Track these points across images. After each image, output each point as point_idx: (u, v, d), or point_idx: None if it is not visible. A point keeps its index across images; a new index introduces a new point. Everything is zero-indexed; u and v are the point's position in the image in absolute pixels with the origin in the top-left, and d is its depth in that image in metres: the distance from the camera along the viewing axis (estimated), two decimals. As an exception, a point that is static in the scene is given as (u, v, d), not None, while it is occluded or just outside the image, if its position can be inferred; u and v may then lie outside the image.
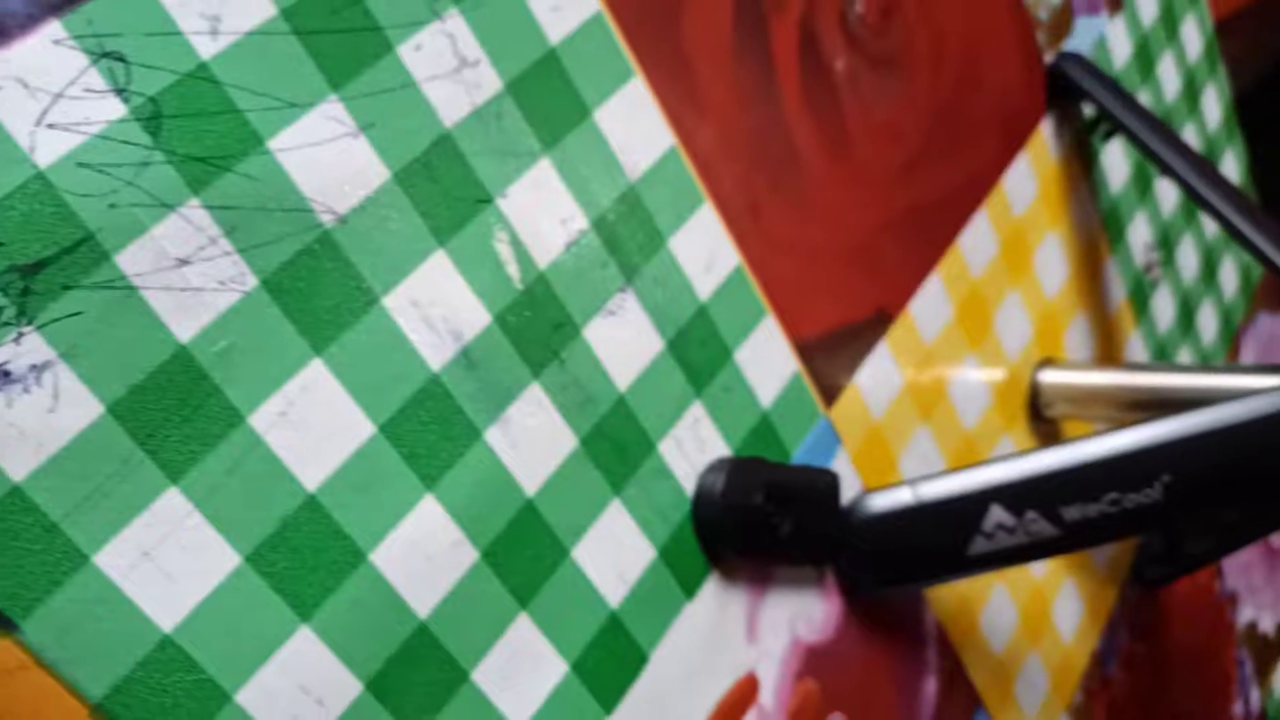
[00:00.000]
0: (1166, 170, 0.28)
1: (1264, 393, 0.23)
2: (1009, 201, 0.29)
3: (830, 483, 0.24)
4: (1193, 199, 0.28)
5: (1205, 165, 0.28)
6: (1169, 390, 0.28)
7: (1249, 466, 0.23)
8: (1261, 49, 0.65)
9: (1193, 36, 0.37)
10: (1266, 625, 0.43)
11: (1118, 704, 0.34)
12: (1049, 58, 0.31)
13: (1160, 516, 0.23)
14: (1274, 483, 0.23)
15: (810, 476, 0.23)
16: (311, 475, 0.17)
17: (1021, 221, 0.30)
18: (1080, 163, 0.32)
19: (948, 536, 0.24)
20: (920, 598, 0.27)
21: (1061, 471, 0.23)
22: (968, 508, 0.24)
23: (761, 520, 0.22)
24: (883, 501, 0.24)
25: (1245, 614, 0.41)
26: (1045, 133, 0.30)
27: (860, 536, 0.24)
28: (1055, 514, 0.23)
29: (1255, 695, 0.42)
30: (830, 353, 0.25)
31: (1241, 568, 0.41)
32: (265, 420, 0.16)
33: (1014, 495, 0.23)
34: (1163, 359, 0.36)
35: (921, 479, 0.24)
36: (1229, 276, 0.39)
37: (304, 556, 0.17)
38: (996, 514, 0.24)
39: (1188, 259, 0.37)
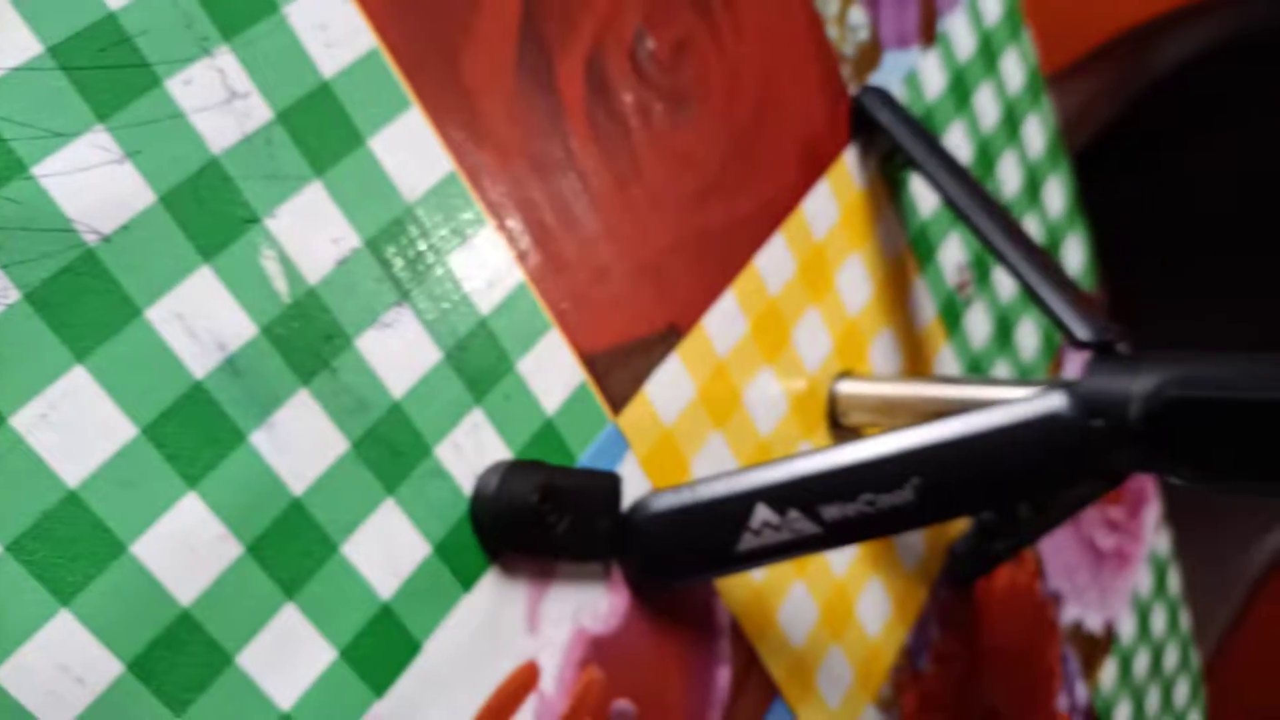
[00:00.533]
0: (952, 206, 0.30)
1: (1007, 404, 0.26)
2: (809, 225, 0.31)
3: (611, 484, 0.25)
4: (976, 237, 0.30)
5: (996, 208, 0.30)
6: (953, 400, 0.30)
7: (988, 471, 0.25)
8: (1091, 114, 0.69)
9: (1014, 70, 0.40)
10: (1093, 624, 0.45)
11: (930, 696, 0.36)
12: (854, 90, 0.33)
13: (913, 516, 0.26)
14: (1010, 486, 0.26)
15: (590, 478, 0.25)
16: (72, 472, 0.18)
17: (822, 244, 0.32)
18: (887, 189, 0.34)
19: (718, 534, 0.26)
20: (712, 592, 0.29)
21: (821, 474, 0.25)
22: (736, 507, 0.26)
23: (536, 519, 0.23)
24: (660, 502, 0.26)
25: (1070, 613, 0.44)
26: (849, 162, 0.33)
27: (639, 534, 0.26)
28: (816, 513, 0.25)
29: (1081, 690, 0.45)
30: (619, 364, 0.26)
31: (1065, 569, 0.43)
32: (26, 422, 0.18)
33: (778, 495, 0.25)
34: (978, 373, 0.38)
35: (699, 481, 0.26)
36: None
37: (64, 546, 0.18)
38: (763, 513, 0.26)
39: (1006, 278, 0.39)
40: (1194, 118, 0.83)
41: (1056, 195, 0.42)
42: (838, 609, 0.32)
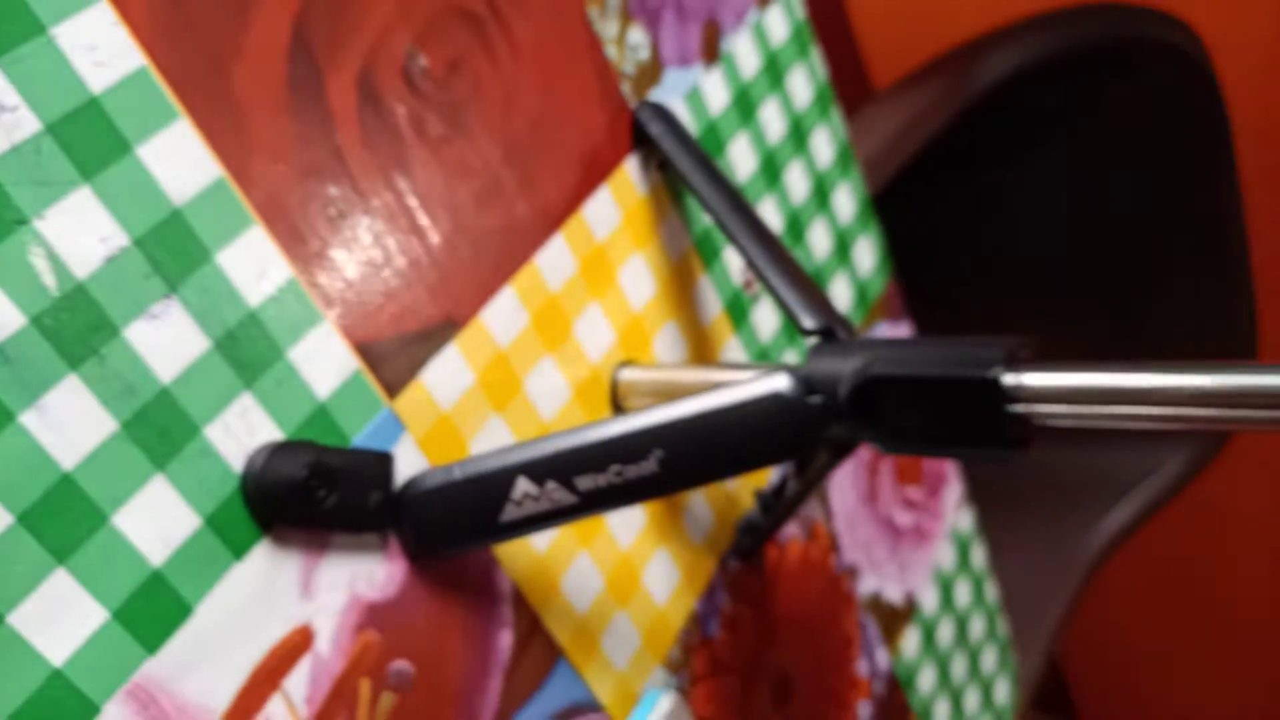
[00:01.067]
0: (707, 208, 0.34)
1: (739, 384, 0.29)
2: (590, 227, 0.34)
3: (382, 462, 0.28)
4: (725, 236, 0.33)
5: (747, 212, 0.34)
6: (716, 383, 0.33)
7: (722, 443, 0.29)
8: (920, 125, 0.74)
9: (801, 86, 0.43)
10: (893, 595, 0.49)
11: (720, 659, 0.39)
12: (635, 104, 0.36)
13: (658, 484, 0.29)
14: (742, 456, 0.29)
15: (360, 457, 0.28)
16: None
17: (604, 245, 0.35)
18: (671, 196, 0.37)
19: (483, 505, 0.28)
20: (492, 561, 0.31)
21: (576, 449, 0.28)
22: (499, 480, 0.28)
23: (304, 494, 0.26)
24: (430, 478, 0.29)
25: (868, 585, 0.47)
26: (630, 170, 0.36)
27: (410, 508, 0.28)
28: (571, 484, 0.28)
29: (883, 655, 0.48)
30: (395, 354, 0.29)
31: (862, 545, 0.47)
32: None
33: (537, 469, 0.28)
34: (766, 361, 0.41)
35: (469, 460, 0.29)
36: (842, 292, 0.46)
37: None
38: (523, 485, 0.28)
39: (795, 277, 0.43)
40: (1019, 129, 0.89)
41: (846, 201, 0.46)
42: (624, 579, 0.35)
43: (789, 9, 0.43)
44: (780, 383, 0.28)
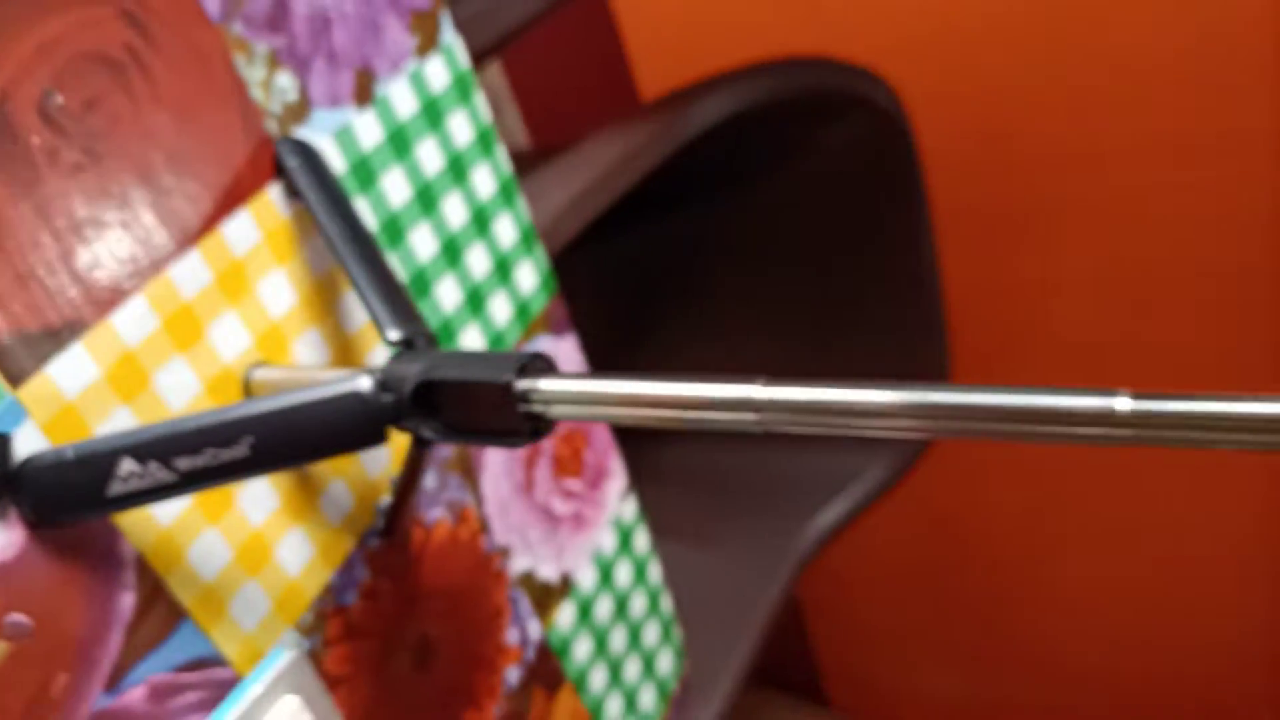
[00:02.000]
0: (322, 232, 0.39)
1: (328, 383, 0.35)
2: (228, 244, 0.39)
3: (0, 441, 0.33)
4: (335, 258, 0.39)
5: (361, 237, 0.40)
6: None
7: (308, 432, 0.34)
8: (633, 162, 0.82)
9: (462, 127, 0.50)
10: (548, 573, 0.56)
11: (356, 625, 0.45)
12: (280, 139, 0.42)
13: (250, 466, 0.34)
14: (325, 444, 0.35)
15: (-24, 437, 0.32)
16: None
17: (243, 259, 0.40)
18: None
19: (91, 481, 0.33)
20: (114, 532, 0.36)
21: (175, 433, 0.34)
22: (105, 459, 0.33)
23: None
24: (47, 457, 0.33)
25: (521, 564, 0.54)
26: (273, 196, 0.41)
27: (26, 483, 0.33)
28: (170, 464, 0.34)
29: (535, 626, 0.55)
30: (19, 349, 0.33)
31: (516, 528, 0.53)
32: None
33: (140, 450, 0.33)
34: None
35: (83, 442, 0.34)
36: (501, 307, 0.52)
37: None
38: (127, 464, 0.33)
39: (449, 293, 0.49)
40: (731, 170, 0.99)
41: (508, 229, 0.53)
42: (255, 552, 0.41)
43: (450, 60, 0.49)
44: (361, 383, 0.35)
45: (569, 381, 0.32)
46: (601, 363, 0.64)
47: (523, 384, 0.32)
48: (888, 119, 0.92)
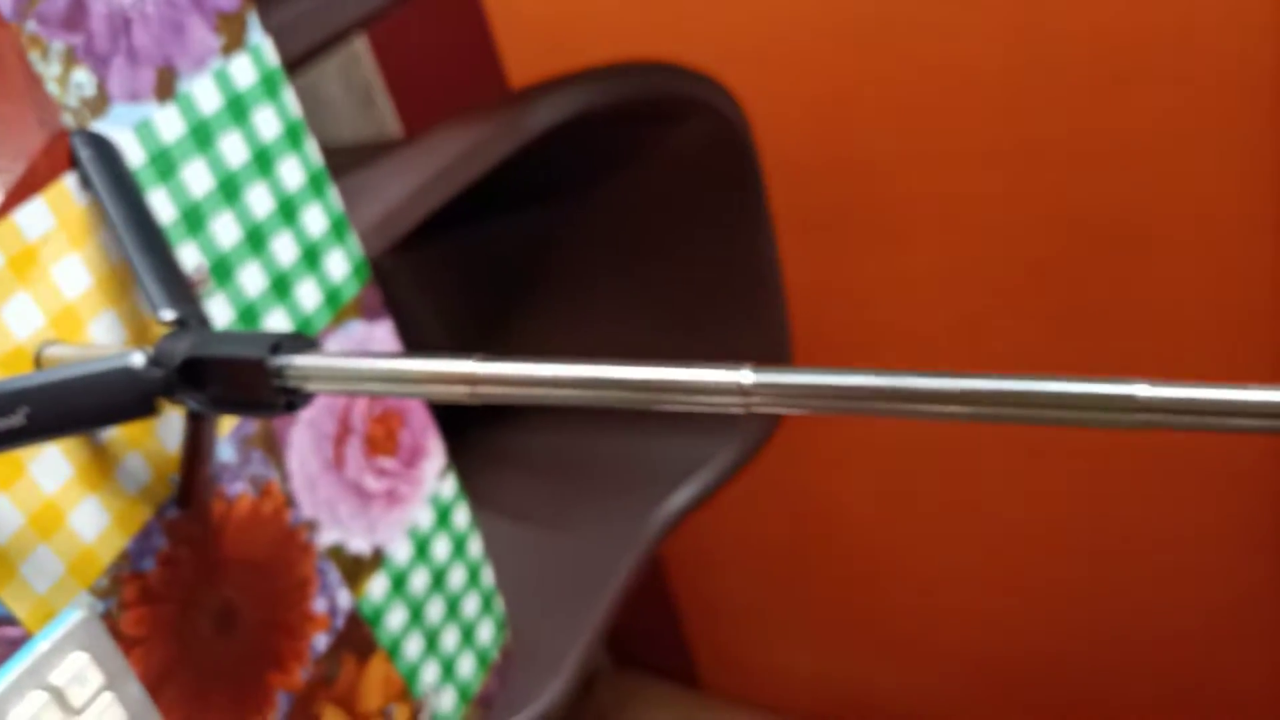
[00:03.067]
0: (109, 220, 0.42)
1: (105, 358, 0.38)
2: (20, 230, 0.42)
3: None
4: (118, 243, 0.42)
5: (146, 225, 0.43)
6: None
7: (83, 403, 0.37)
8: (480, 153, 0.85)
9: (268, 121, 0.53)
10: (359, 547, 0.59)
11: (152, 589, 0.48)
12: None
13: (26, 435, 0.37)
14: (100, 414, 0.38)
15: None
16: None
17: (35, 244, 0.43)
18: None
19: None
20: (-103, 498, 0.38)
21: (-49, 405, 0.36)
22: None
23: None
24: None
25: (330, 537, 0.57)
26: (69, 185, 0.44)
27: None
28: (-56, 432, 0.36)
29: (345, 596, 0.58)
30: None
31: (324, 503, 0.57)
32: None
33: (-85, 420, 0.36)
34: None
35: None
36: (310, 293, 0.55)
37: None
38: (-96, 432, 0.36)
39: (253, 279, 0.52)
40: (579, 169, 1.03)
41: (317, 219, 0.56)
42: (47, 518, 0.43)
43: (258, 59, 0.52)
44: (133, 358, 0.38)
45: (322, 359, 0.36)
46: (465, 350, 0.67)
47: (277, 360, 0.36)
48: (727, 124, 0.97)
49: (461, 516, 0.68)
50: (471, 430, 1.21)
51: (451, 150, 0.82)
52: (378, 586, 0.61)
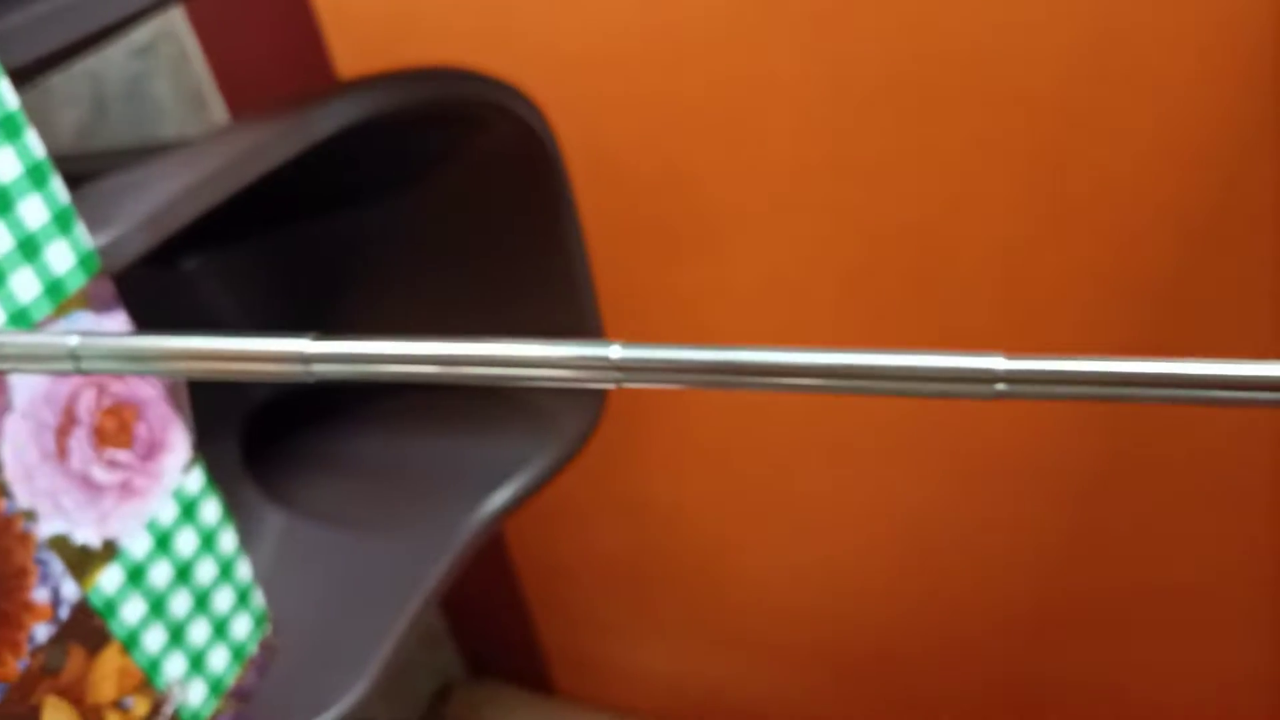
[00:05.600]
0: None
1: None
2: None
3: None
4: None
5: None
6: None
7: None
8: (263, 151, 0.86)
9: (-22, 113, 0.53)
10: (87, 537, 0.59)
11: None
12: None
13: None
14: None
15: None
16: None
17: None
18: None
19: None
20: None
21: None
22: None
23: None
24: None
25: (52, 527, 0.57)
26: None
27: None
28: None
29: (72, 587, 0.58)
30: None
31: (43, 491, 0.57)
32: None
33: None
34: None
35: None
36: (29, 282, 0.56)
37: None
38: None
39: (-42, 268, 0.52)
40: (379, 172, 1.04)
41: (38, 210, 0.56)
42: None
43: (-36, 48, 0.52)
44: None
45: (125, 339, 0.37)
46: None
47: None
48: (528, 128, 1.00)
49: (210, 510, 0.68)
50: (289, 435, 1.21)
51: (230, 151, 0.82)
52: (110, 578, 0.61)
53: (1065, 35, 1.03)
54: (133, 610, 0.62)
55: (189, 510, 0.66)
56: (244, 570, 0.71)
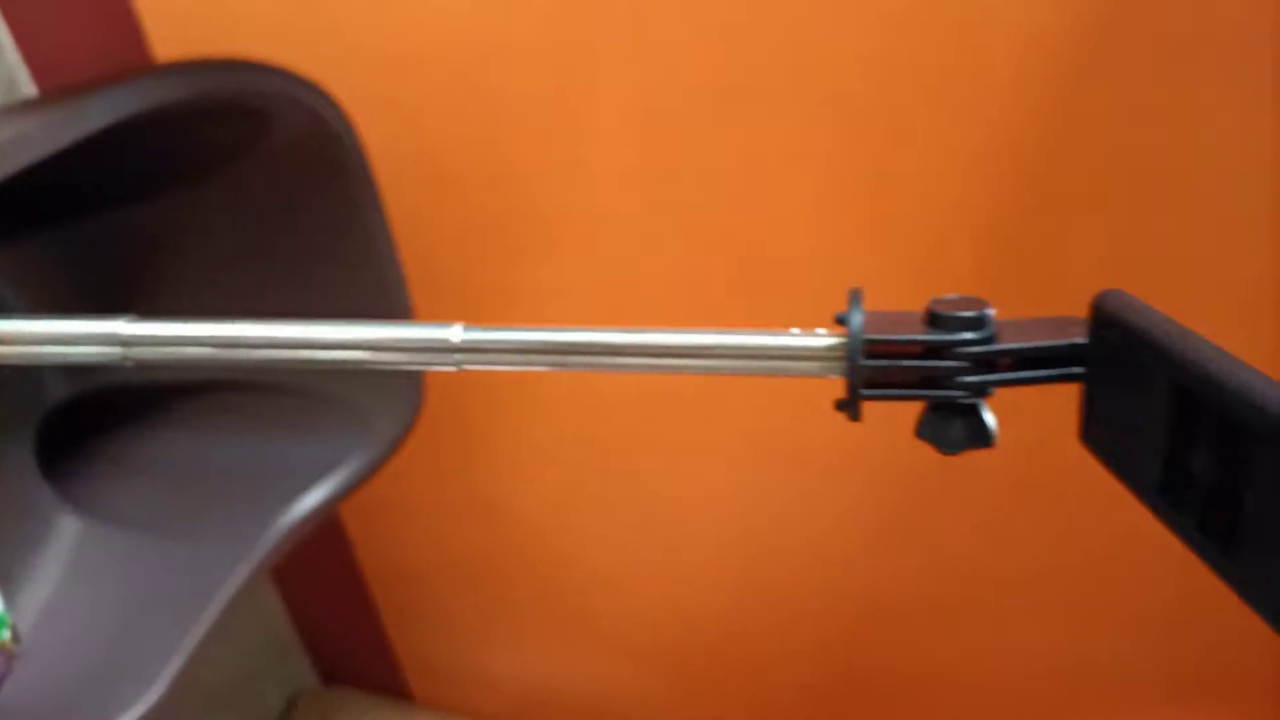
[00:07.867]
0: None
1: None
2: None
3: None
4: None
5: None
6: None
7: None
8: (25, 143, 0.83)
9: None
10: None
11: None
12: None
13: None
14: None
15: None
16: None
17: None
18: None
19: None
20: None
21: None
22: None
23: None
24: None
25: None
26: None
27: None
28: None
29: None
30: None
31: None
32: None
33: None
34: None
35: None
36: None
37: None
38: None
39: None
40: (175, 163, 1.01)
41: None
42: None
43: None
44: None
45: None
46: None
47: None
48: (322, 122, 0.98)
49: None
50: (92, 437, 1.17)
51: (12, 129, 0.79)
52: None
53: (881, 39, 1.05)
54: None
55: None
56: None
